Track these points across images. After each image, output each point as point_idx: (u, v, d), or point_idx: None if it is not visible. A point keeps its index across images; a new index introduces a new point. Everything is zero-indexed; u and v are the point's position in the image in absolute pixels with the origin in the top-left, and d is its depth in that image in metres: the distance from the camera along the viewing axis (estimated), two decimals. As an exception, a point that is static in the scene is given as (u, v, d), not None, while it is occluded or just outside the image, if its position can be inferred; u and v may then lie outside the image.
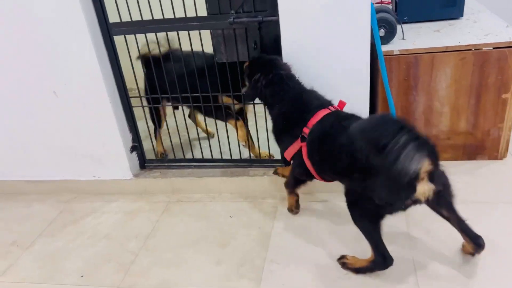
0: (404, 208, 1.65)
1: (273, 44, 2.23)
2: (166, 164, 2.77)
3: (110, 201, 2.68)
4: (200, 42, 2.34)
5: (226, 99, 2.51)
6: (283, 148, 2.13)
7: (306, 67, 2.12)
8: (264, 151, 2.71)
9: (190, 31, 2.29)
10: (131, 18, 2.29)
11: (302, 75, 2.08)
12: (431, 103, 2.43)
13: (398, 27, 2.40)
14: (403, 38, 2.44)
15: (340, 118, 1.87)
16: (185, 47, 2.41)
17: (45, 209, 2.69)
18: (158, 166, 2.78)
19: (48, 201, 2.77)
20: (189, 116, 3.16)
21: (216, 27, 2.25)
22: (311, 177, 2.07)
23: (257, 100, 2.16)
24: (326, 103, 1.97)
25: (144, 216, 2.49)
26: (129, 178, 2.69)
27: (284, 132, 2.05)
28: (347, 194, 1.79)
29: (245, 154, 2.74)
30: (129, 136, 2.65)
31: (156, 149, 2.88)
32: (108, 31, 2.33)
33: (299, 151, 1.99)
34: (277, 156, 2.59)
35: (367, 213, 1.72)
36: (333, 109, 1.94)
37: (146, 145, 2.79)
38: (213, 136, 3.08)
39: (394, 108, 2.34)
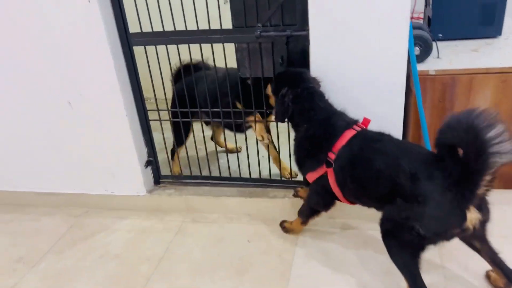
0: (450, 238, 1.52)
1: (301, 59, 2.10)
2: (181, 181, 2.65)
3: (122, 218, 2.56)
4: (224, 56, 2.21)
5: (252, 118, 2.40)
6: (304, 172, 1.99)
7: (336, 86, 1.99)
8: (285, 165, 2.59)
9: (214, 44, 2.17)
10: (152, 29, 2.18)
11: (330, 94, 1.95)
12: (466, 127, 2.28)
13: (433, 45, 2.26)
14: (438, 57, 2.30)
15: (370, 140, 1.73)
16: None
17: (55, 223, 2.58)
18: (173, 182, 2.66)
19: (58, 215, 2.66)
20: (212, 138, 3.06)
21: (241, 41, 2.13)
22: (328, 207, 1.97)
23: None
24: (351, 123, 1.83)
25: (157, 236, 2.36)
26: (142, 194, 2.57)
27: (307, 157, 1.91)
28: (384, 223, 1.63)
29: (265, 172, 2.61)
30: (144, 151, 2.53)
31: (173, 169, 2.77)
32: (128, 41, 2.23)
33: (323, 177, 1.85)
34: (299, 175, 2.44)
35: (407, 245, 1.56)
36: (358, 128, 1.80)
37: (161, 158, 2.67)
38: (240, 150, 2.99)
39: (427, 132, 2.19)
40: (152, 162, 2.58)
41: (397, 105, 2.00)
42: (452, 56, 2.31)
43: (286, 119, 1.96)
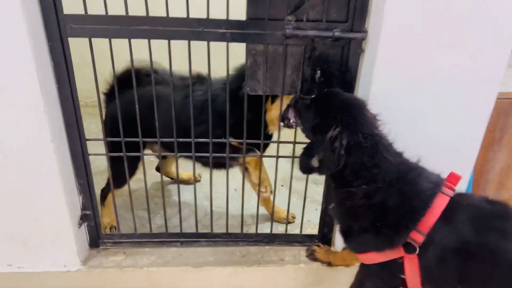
0: None
1: (344, 76, 1.43)
2: (135, 240, 1.78)
3: (40, 309, 1.61)
4: (208, 58, 1.43)
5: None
6: (358, 249, 1.33)
7: (398, 122, 1.35)
8: (278, 207, 1.97)
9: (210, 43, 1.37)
10: (106, 11, 1.31)
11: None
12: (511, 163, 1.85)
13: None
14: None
15: (488, 216, 1.15)
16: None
17: None
18: (121, 243, 1.78)
19: None
20: (157, 169, 2.21)
21: (259, 41, 1.37)
22: None
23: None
24: (438, 184, 1.21)
25: None
26: (75, 269, 1.65)
27: (368, 232, 1.25)
28: None
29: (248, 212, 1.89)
30: (77, 202, 1.62)
31: (103, 221, 1.89)
32: (60, 30, 1.31)
33: (394, 263, 1.23)
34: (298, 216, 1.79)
35: None
36: (450, 192, 1.19)
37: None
38: (199, 179, 2.33)
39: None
40: (88, 216, 1.67)
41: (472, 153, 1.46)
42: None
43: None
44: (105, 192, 1.91)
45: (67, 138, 1.50)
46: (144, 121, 1.50)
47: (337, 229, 1.40)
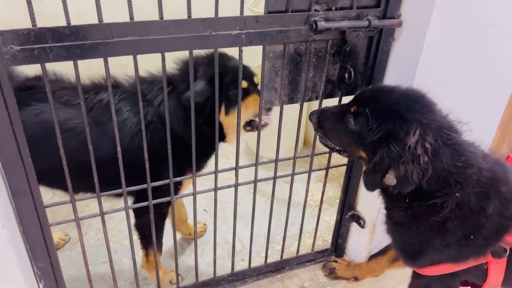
0: None
1: (372, 72, 1.20)
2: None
3: None
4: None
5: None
6: (426, 265, 1.16)
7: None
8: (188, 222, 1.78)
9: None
10: (67, 20, 0.85)
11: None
12: None
13: None
14: None
15: None
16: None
17: None
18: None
19: None
20: None
21: (278, 39, 1.04)
22: None
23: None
24: None
25: None
26: None
27: (455, 245, 1.09)
28: None
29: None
30: (38, 291, 1.14)
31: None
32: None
33: (478, 269, 1.11)
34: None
35: None
36: None
37: None
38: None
39: None
40: (53, 303, 1.20)
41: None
42: None
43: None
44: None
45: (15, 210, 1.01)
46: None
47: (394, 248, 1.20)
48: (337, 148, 1.12)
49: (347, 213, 1.50)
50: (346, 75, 1.15)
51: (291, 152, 1.28)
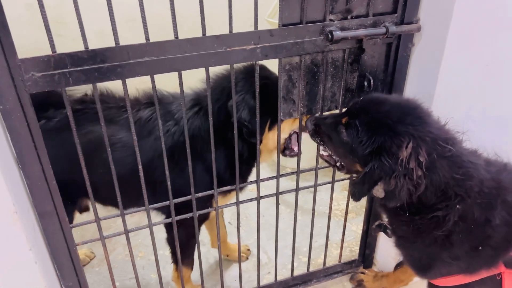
0: None
1: (392, 78, 1.18)
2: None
3: None
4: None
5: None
6: (438, 276, 1.12)
7: (471, 124, 1.16)
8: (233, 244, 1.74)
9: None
10: (53, 49, 0.87)
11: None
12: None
13: None
14: None
15: None
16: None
17: None
18: None
19: None
20: None
21: (293, 51, 1.03)
22: None
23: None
24: None
25: None
26: None
27: (464, 257, 1.04)
28: None
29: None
30: (67, 309, 1.16)
31: None
32: (14, 82, 0.84)
33: (491, 280, 1.06)
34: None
35: None
36: None
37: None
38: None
39: None
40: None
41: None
42: None
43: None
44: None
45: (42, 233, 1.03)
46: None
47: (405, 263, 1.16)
48: (337, 165, 1.11)
49: (374, 223, 1.46)
50: (366, 83, 1.13)
51: (313, 161, 1.26)
